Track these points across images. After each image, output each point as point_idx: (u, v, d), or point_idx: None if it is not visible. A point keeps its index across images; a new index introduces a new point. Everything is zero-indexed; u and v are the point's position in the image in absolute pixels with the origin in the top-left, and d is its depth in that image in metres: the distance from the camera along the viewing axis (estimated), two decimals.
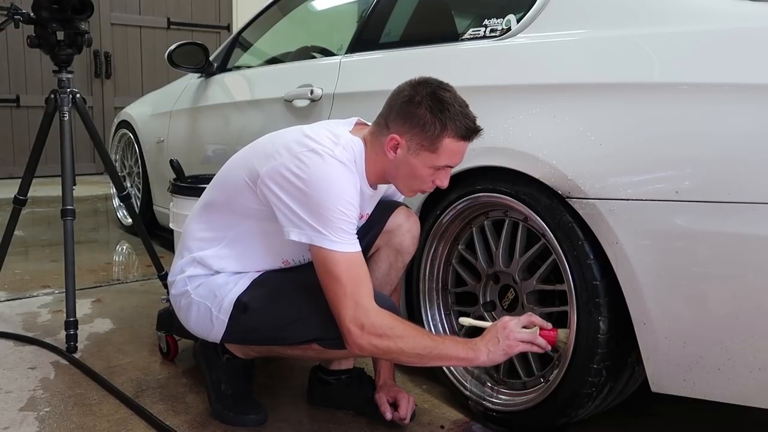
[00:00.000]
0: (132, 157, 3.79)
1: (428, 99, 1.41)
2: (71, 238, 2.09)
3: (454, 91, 1.44)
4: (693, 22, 1.37)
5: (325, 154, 1.38)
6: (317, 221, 1.36)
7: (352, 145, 1.46)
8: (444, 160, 1.44)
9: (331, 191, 1.37)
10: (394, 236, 1.63)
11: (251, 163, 1.48)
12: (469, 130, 1.42)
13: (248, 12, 3.90)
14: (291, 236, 1.39)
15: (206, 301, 1.54)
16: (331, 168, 1.38)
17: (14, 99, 5.75)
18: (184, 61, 2.95)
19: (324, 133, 1.44)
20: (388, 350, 1.40)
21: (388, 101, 1.48)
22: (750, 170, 1.20)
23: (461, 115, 1.40)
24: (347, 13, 3.07)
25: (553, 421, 1.52)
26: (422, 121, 1.40)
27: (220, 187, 1.58)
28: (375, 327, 1.37)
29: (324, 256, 1.38)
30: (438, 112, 1.39)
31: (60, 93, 2.26)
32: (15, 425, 1.57)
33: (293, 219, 1.39)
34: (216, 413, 1.62)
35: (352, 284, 1.37)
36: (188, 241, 1.61)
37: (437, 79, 1.46)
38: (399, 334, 1.38)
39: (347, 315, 1.37)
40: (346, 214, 1.37)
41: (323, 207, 1.36)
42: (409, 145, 1.43)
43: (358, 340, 1.37)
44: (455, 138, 1.41)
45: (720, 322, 1.25)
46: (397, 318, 1.42)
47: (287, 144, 1.43)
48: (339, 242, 1.37)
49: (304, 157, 1.39)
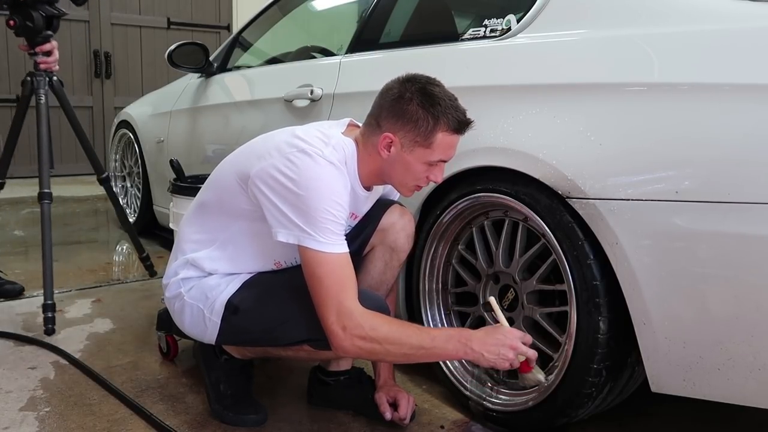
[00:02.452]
0: (132, 157, 3.79)
1: (418, 95, 1.41)
2: (48, 221, 2.13)
3: (443, 86, 1.45)
4: (693, 22, 1.37)
5: (315, 155, 1.38)
6: (305, 222, 1.36)
7: (343, 146, 1.46)
8: (438, 154, 1.44)
9: (320, 191, 1.37)
10: (389, 234, 1.63)
11: (242, 164, 1.49)
12: (461, 122, 1.42)
13: (248, 12, 3.91)
14: (279, 237, 1.39)
15: (199, 303, 1.54)
16: (321, 168, 1.38)
17: (14, 99, 5.75)
18: (184, 61, 2.95)
19: (314, 134, 1.44)
20: (372, 351, 1.39)
21: (377, 100, 1.49)
22: (750, 170, 1.20)
23: (452, 109, 1.41)
24: (347, 13, 3.07)
25: (553, 421, 1.52)
26: (414, 117, 1.41)
27: (212, 189, 1.59)
28: (357, 328, 1.36)
29: (310, 256, 1.37)
30: (429, 107, 1.40)
31: (36, 76, 2.25)
32: (15, 425, 1.57)
33: (281, 219, 1.39)
34: (215, 413, 1.62)
35: (337, 285, 1.37)
36: (182, 243, 1.61)
37: (424, 74, 1.46)
38: (383, 335, 1.37)
39: (330, 316, 1.36)
40: (333, 215, 1.37)
41: (311, 207, 1.36)
42: (402, 143, 1.43)
43: (341, 342, 1.37)
44: (448, 132, 1.42)
45: (720, 323, 1.25)
46: (383, 317, 1.40)
47: (277, 144, 1.44)
48: (326, 243, 1.37)
49: (293, 158, 1.39)
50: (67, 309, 2.41)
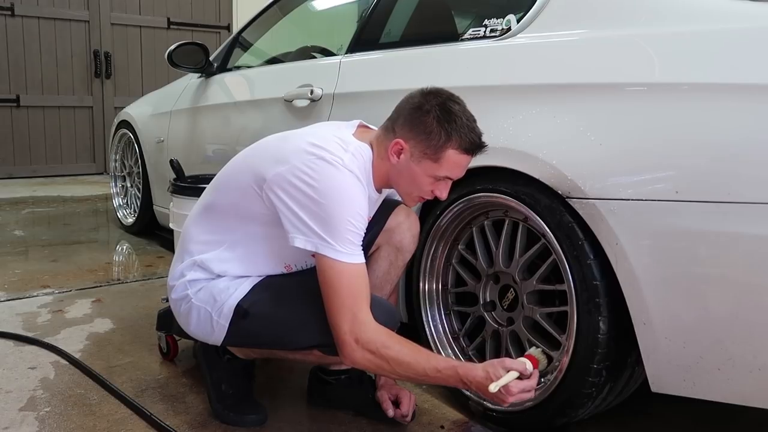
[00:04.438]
0: (132, 157, 3.79)
1: (437, 109, 1.41)
2: None
3: (464, 105, 1.44)
4: (693, 22, 1.37)
5: (336, 163, 1.38)
6: (325, 230, 1.36)
7: (361, 152, 1.45)
8: (445, 170, 1.44)
9: (342, 202, 1.36)
10: (395, 234, 1.63)
11: (257, 167, 1.47)
12: (474, 144, 1.42)
13: (248, 12, 3.91)
14: (296, 243, 1.38)
15: (206, 305, 1.53)
16: (343, 177, 1.38)
17: (14, 99, 5.75)
18: (184, 61, 2.95)
19: (332, 139, 1.43)
20: (380, 368, 1.40)
21: (397, 106, 1.49)
22: (750, 170, 1.20)
23: (467, 129, 1.41)
24: (347, 13, 3.07)
25: (553, 421, 1.52)
26: (428, 129, 1.41)
27: (223, 190, 1.57)
28: (370, 343, 1.36)
29: (329, 265, 1.37)
30: (445, 122, 1.40)
31: None
32: (15, 425, 1.57)
33: (299, 226, 1.38)
34: (216, 413, 1.62)
35: (352, 296, 1.37)
36: (188, 245, 1.59)
37: (449, 90, 1.46)
38: (393, 355, 1.37)
39: (344, 327, 1.37)
40: (355, 226, 1.37)
41: (333, 217, 1.35)
42: (412, 152, 1.43)
43: (352, 352, 1.37)
44: (458, 150, 1.41)
45: (720, 322, 1.25)
46: (395, 337, 1.40)
47: (295, 150, 1.42)
48: (345, 253, 1.36)
49: (314, 165, 1.38)
50: (67, 309, 2.41)
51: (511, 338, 1.66)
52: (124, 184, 3.95)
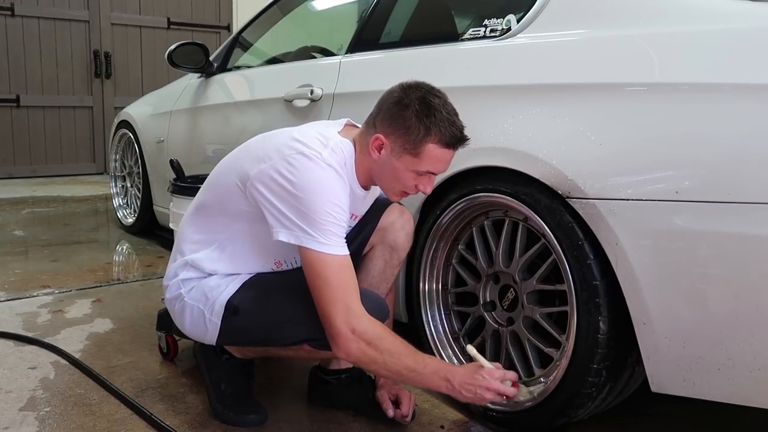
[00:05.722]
0: (132, 157, 3.79)
1: (417, 103, 1.40)
2: None
3: (445, 98, 1.43)
4: (693, 22, 1.37)
5: (314, 157, 1.39)
6: (306, 223, 1.37)
7: (342, 147, 1.46)
8: (426, 165, 1.43)
9: (320, 193, 1.37)
10: (388, 233, 1.64)
11: (241, 166, 1.49)
12: (454, 138, 1.41)
13: (248, 12, 3.91)
14: (279, 237, 1.39)
15: (199, 304, 1.54)
16: (320, 170, 1.38)
17: (14, 99, 5.75)
18: (184, 61, 2.95)
19: (313, 135, 1.44)
20: (373, 359, 1.39)
21: (378, 102, 1.49)
22: (750, 170, 1.20)
23: (447, 123, 1.40)
24: (347, 13, 3.07)
25: (553, 421, 1.52)
26: (407, 124, 1.40)
27: (211, 190, 1.59)
28: (366, 333, 1.36)
29: (313, 257, 1.38)
30: (424, 116, 1.39)
31: None
32: (15, 425, 1.57)
33: (282, 220, 1.39)
34: (216, 413, 1.62)
35: (343, 287, 1.37)
36: (181, 245, 1.62)
37: (429, 84, 1.45)
38: (387, 346, 1.38)
39: (338, 318, 1.36)
40: (334, 216, 1.38)
41: (313, 210, 1.36)
42: (392, 147, 1.43)
43: (348, 342, 1.37)
44: (438, 144, 1.40)
45: (720, 322, 1.25)
46: (387, 329, 1.42)
47: (276, 146, 1.44)
48: (328, 244, 1.37)
49: (293, 160, 1.39)
50: (67, 309, 2.41)
51: (511, 338, 1.66)
52: (124, 184, 3.95)
